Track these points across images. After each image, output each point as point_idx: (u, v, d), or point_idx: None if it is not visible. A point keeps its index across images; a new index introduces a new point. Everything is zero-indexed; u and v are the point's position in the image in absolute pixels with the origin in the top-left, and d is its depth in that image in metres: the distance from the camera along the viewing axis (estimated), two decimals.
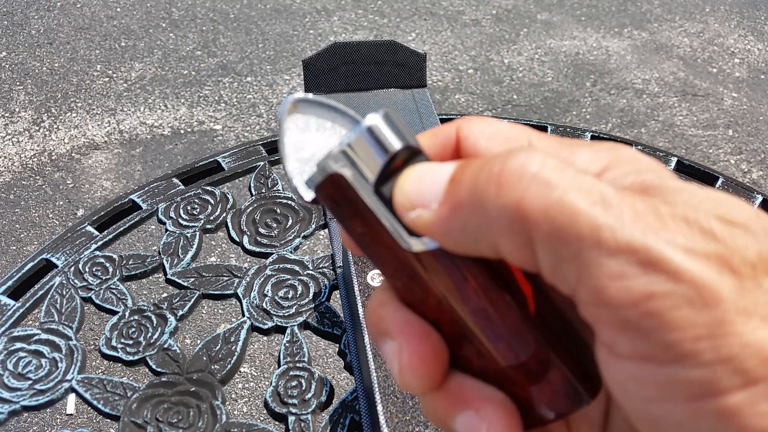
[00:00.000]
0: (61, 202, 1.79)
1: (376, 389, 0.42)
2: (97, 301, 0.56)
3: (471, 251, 0.18)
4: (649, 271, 0.14)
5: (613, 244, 0.15)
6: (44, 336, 0.53)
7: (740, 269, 0.14)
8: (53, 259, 0.59)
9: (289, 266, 0.59)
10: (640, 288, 0.14)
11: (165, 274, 0.59)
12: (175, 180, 0.68)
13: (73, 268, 0.58)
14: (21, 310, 0.55)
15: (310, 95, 0.20)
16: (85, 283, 0.57)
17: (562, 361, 0.18)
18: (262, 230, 0.63)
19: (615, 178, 0.18)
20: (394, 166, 0.18)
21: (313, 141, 0.20)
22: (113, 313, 0.55)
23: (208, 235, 0.65)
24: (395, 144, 0.18)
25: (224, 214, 0.64)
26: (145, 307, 0.55)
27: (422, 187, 0.18)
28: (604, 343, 0.16)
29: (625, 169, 0.18)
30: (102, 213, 0.64)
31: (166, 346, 0.52)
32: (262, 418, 1.30)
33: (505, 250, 0.17)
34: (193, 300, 0.56)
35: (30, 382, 0.49)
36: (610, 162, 0.18)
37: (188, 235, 0.62)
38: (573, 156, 0.19)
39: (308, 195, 0.19)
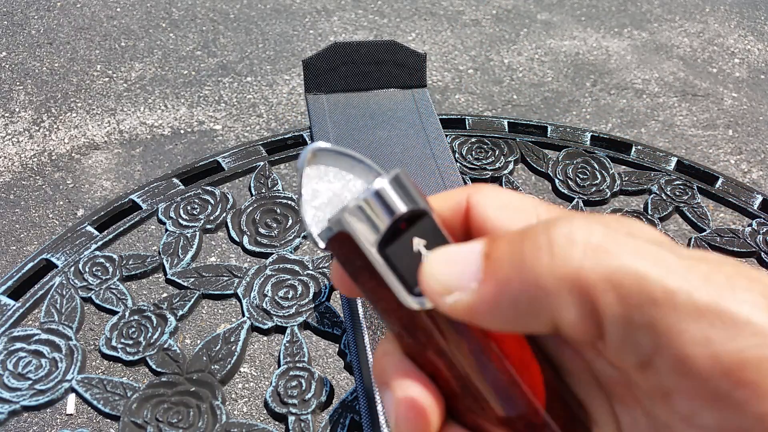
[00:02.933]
0: (61, 202, 1.79)
1: (376, 389, 0.42)
2: (97, 301, 0.56)
3: (521, 328, 0.17)
4: (737, 334, 0.13)
5: (692, 307, 0.14)
6: (44, 336, 0.53)
7: None
8: (53, 259, 0.59)
9: (289, 266, 0.59)
10: (731, 354, 0.13)
11: (165, 274, 0.59)
12: (175, 180, 0.68)
13: (73, 268, 0.58)
14: (21, 310, 0.55)
15: (330, 145, 0.21)
16: (85, 283, 0.57)
17: (556, 422, 0.19)
18: (262, 230, 0.63)
19: None
20: (398, 227, 0.19)
21: (330, 190, 0.21)
22: (113, 313, 0.55)
23: (208, 235, 0.65)
24: (401, 207, 0.19)
25: (224, 214, 0.64)
26: (145, 307, 0.55)
27: (454, 268, 0.17)
28: (681, 415, 0.15)
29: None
30: (102, 213, 0.64)
31: (166, 346, 0.52)
32: (262, 418, 1.30)
33: (566, 323, 0.16)
34: (193, 300, 0.56)
35: (30, 382, 0.49)
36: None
37: (188, 235, 0.62)
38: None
39: (322, 244, 0.20)
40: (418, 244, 0.19)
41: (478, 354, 0.19)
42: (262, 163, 0.70)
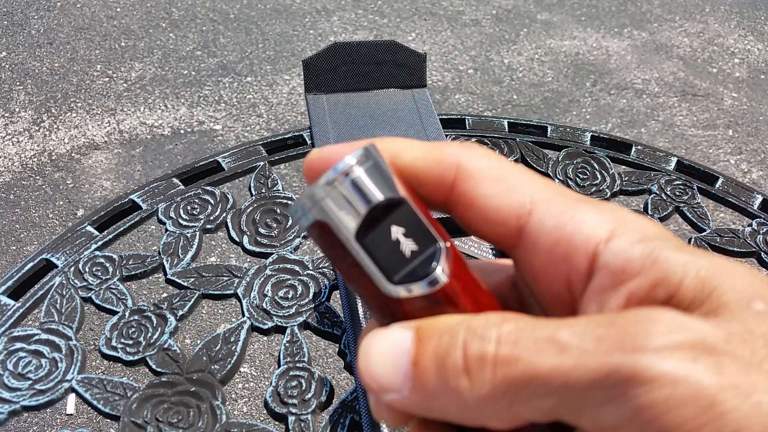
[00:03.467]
0: (61, 202, 1.79)
1: None
2: (97, 301, 0.56)
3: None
4: (631, 388, 0.14)
5: (589, 374, 0.15)
6: (44, 336, 0.53)
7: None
8: (53, 259, 0.59)
9: (289, 266, 0.59)
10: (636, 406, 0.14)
11: (165, 274, 0.59)
12: (175, 180, 0.68)
13: (73, 268, 0.58)
14: (21, 310, 0.55)
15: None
16: (85, 283, 0.57)
17: None
18: (262, 230, 0.63)
19: (624, 244, 0.17)
20: (375, 214, 0.19)
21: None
22: (113, 313, 0.55)
23: (208, 235, 0.65)
24: (377, 195, 0.19)
25: (224, 214, 0.64)
26: (145, 307, 0.55)
27: (387, 370, 0.17)
28: None
29: (632, 236, 0.18)
30: (102, 213, 0.64)
31: (166, 346, 0.52)
32: (262, 418, 1.30)
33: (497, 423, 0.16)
34: (193, 300, 0.56)
35: (30, 382, 0.49)
36: (616, 226, 0.18)
37: (188, 235, 0.62)
38: (579, 217, 0.18)
39: (303, 230, 0.20)
40: (397, 232, 0.19)
41: None
42: (262, 163, 0.70)
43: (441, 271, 0.19)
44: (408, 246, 0.19)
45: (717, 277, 0.16)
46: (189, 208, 0.65)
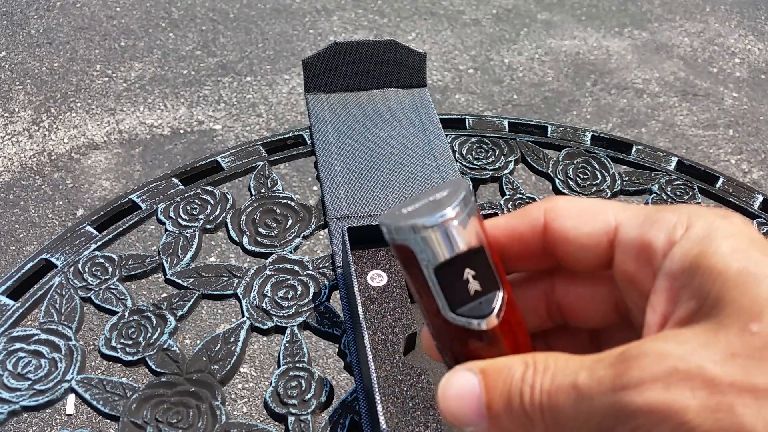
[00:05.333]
0: (61, 202, 1.78)
1: (376, 389, 0.42)
2: (97, 302, 0.56)
3: None
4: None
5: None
6: (44, 336, 0.53)
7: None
8: (53, 259, 0.59)
9: (288, 266, 0.59)
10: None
11: (164, 274, 0.59)
12: (175, 180, 0.68)
13: (72, 268, 0.58)
14: (20, 311, 0.55)
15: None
16: (84, 284, 0.57)
17: None
18: (261, 230, 0.63)
19: (693, 242, 0.20)
20: (455, 260, 0.22)
21: (420, 206, 0.24)
22: (113, 313, 0.55)
23: (207, 235, 0.65)
24: (461, 246, 0.22)
25: (224, 214, 0.64)
26: (145, 308, 0.55)
27: (465, 412, 0.21)
28: None
29: (688, 242, 0.20)
30: (101, 213, 0.64)
31: (165, 346, 0.52)
32: (261, 419, 1.29)
33: None
34: (192, 300, 0.56)
35: (29, 382, 0.49)
36: (689, 219, 0.20)
37: (188, 235, 0.62)
38: (660, 219, 0.21)
39: (388, 240, 0.23)
40: (468, 273, 0.22)
41: None
42: (261, 163, 0.70)
43: (494, 315, 0.22)
44: (474, 286, 0.22)
45: (730, 290, 0.18)
46: (188, 208, 0.64)
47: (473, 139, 0.75)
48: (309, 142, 0.73)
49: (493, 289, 0.22)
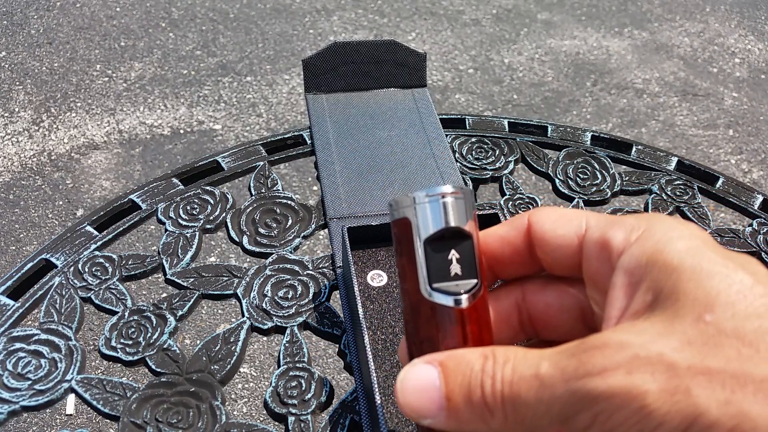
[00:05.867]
0: (61, 202, 1.78)
1: (376, 389, 0.42)
2: (97, 302, 0.56)
3: None
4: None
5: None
6: (44, 336, 0.53)
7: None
8: (53, 259, 0.59)
9: (288, 266, 0.59)
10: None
11: (164, 274, 0.59)
12: (175, 180, 0.68)
13: (72, 268, 0.58)
14: (20, 311, 0.55)
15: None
16: (84, 283, 0.57)
17: None
18: (261, 230, 0.63)
19: (638, 250, 0.22)
20: (446, 234, 0.24)
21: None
22: (113, 313, 0.55)
23: (207, 235, 0.65)
24: (452, 222, 0.24)
25: (224, 214, 0.64)
26: (145, 308, 0.55)
27: (423, 404, 0.22)
28: None
29: (647, 242, 0.22)
30: (101, 213, 0.64)
31: (165, 346, 0.52)
32: (261, 419, 1.29)
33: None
34: (192, 300, 0.56)
35: (29, 382, 0.49)
36: (648, 223, 0.22)
37: (188, 235, 0.62)
38: (621, 221, 0.23)
39: (389, 218, 0.26)
40: (453, 255, 0.24)
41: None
42: (261, 163, 0.70)
43: (466, 298, 0.24)
44: (455, 269, 0.24)
45: (684, 283, 0.20)
46: (188, 208, 0.64)
47: (473, 139, 0.75)
48: (309, 142, 0.73)
49: (471, 277, 0.24)
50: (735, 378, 0.17)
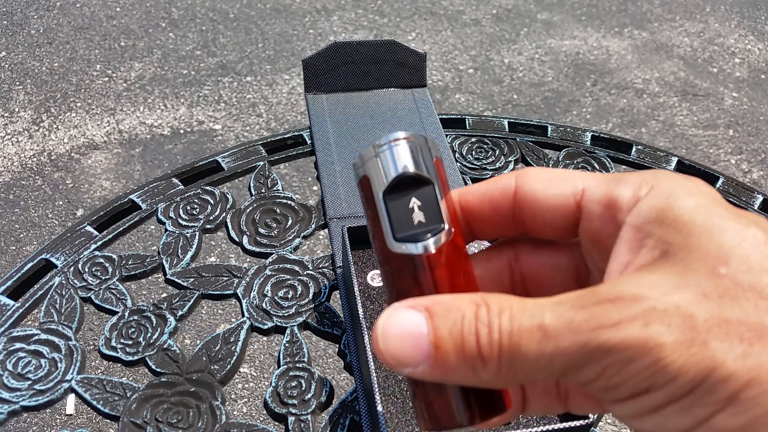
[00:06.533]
0: (61, 202, 1.78)
1: (376, 389, 0.42)
2: (97, 302, 0.56)
3: None
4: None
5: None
6: (44, 336, 0.53)
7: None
8: (53, 259, 0.59)
9: (288, 266, 0.59)
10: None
11: (164, 274, 0.59)
12: (175, 180, 0.68)
13: (72, 268, 0.58)
14: (20, 311, 0.55)
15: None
16: (84, 283, 0.57)
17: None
18: (261, 230, 0.63)
19: (653, 200, 0.21)
20: (406, 183, 0.23)
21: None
22: (113, 313, 0.55)
23: (207, 235, 0.65)
24: (409, 167, 0.23)
25: (224, 214, 0.64)
26: (145, 308, 0.55)
27: (407, 352, 0.20)
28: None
29: (655, 198, 0.21)
30: (101, 213, 0.64)
31: (165, 346, 0.52)
32: (261, 419, 1.29)
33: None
34: (192, 300, 0.56)
35: (29, 382, 0.49)
36: (655, 179, 0.21)
37: (188, 235, 0.62)
38: (626, 179, 0.22)
39: (356, 181, 0.25)
40: (414, 203, 0.23)
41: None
42: (261, 163, 0.70)
43: (432, 242, 0.23)
44: (418, 216, 0.23)
45: (696, 237, 0.19)
46: (188, 208, 0.64)
47: (473, 139, 0.75)
48: (309, 142, 0.73)
49: (436, 223, 0.23)
50: (753, 331, 0.17)
